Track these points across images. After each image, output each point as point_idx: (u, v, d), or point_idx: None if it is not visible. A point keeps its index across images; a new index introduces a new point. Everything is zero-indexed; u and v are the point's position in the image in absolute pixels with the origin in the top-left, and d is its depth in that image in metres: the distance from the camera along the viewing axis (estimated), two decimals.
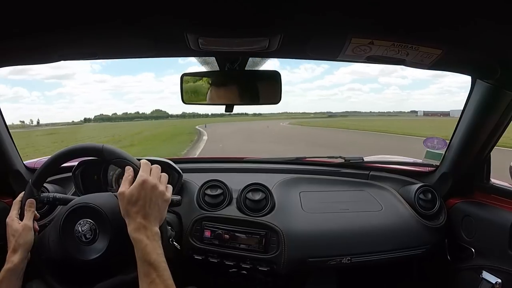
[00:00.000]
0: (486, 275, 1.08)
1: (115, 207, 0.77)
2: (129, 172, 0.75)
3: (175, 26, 0.71)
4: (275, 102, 0.96)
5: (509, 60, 0.81)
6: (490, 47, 0.75)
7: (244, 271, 1.14)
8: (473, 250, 1.14)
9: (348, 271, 1.32)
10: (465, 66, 0.91)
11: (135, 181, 0.73)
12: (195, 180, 1.25)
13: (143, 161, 0.78)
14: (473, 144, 1.11)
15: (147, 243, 0.68)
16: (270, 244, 1.11)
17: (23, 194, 0.81)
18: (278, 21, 0.68)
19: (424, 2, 0.58)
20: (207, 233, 1.13)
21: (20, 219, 0.78)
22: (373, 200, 1.27)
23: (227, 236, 1.12)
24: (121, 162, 0.79)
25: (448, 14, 0.61)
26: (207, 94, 0.99)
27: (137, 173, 0.74)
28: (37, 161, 1.27)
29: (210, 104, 1.00)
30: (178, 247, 0.88)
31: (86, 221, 0.75)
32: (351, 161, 1.43)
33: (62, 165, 0.86)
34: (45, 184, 1.07)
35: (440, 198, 1.24)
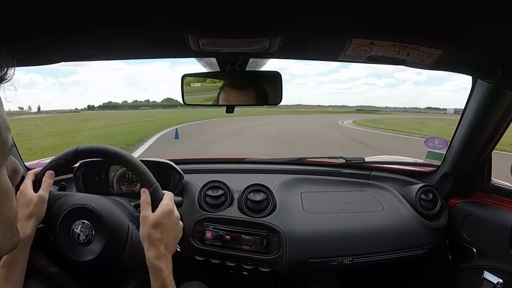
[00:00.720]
0: (487, 275, 1.08)
1: (112, 210, 0.77)
2: (145, 195, 0.76)
3: (176, 27, 0.71)
4: (276, 103, 0.96)
5: (510, 60, 0.81)
6: (491, 47, 0.75)
7: (245, 272, 1.14)
8: (475, 250, 1.14)
9: (348, 272, 1.32)
10: (466, 66, 0.91)
11: (160, 208, 0.75)
12: (196, 181, 1.25)
13: (167, 194, 0.80)
14: (474, 144, 1.11)
15: (167, 274, 0.70)
16: (272, 245, 1.11)
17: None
18: (278, 22, 0.68)
19: (425, 2, 0.58)
20: (208, 234, 1.13)
21: (34, 190, 0.76)
22: (374, 201, 1.27)
23: (228, 237, 1.11)
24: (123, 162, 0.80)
25: (448, 14, 0.61)
26: (208, 95, 0.99)
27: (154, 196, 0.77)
28: (38, 162, 1.28)
29: (211, 105, 1.00)
30: (178, 249, 0.88)
31: (83, 222, 0.75)
32: (352, 161, 1.43)
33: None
34: None
35: (441, 198, 1.24)
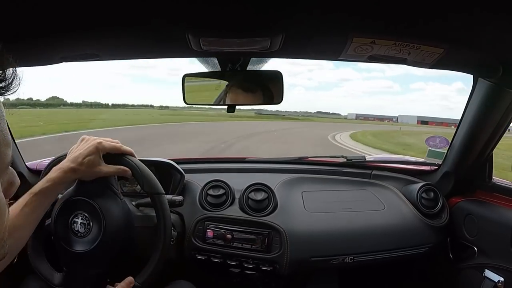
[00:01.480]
0: (488, 273, 1.08)
1: (109, 201, 0.79)
2: (127, 283, 0.75)
3: (176, 27, 0.71)
4: (277, 102, 0.96)
5: (511, 58, 0.80)
6: (492, 46, 0.75)
7: (246, 271, 1.14)
8: (476, 248, 1.14)
9: (350, 271, 1.32)
10: (467, 65, 0.91)
11: None
12: (197, 181, 1.25)
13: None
14: (475, 143, 1.11)
15: None
16: (273, 243, 1.11)
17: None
18: (279, 21, 0.68)
19: (426, 1, 0.58)
20: (210, 233, 1.13)
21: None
22: (375, 199, 1.27)
23: (229, 236, 1.12)
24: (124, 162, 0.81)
25: (449, 13, 0.61)
26: (208, 94, 0.99)
27: None
28: (39, 162, 1.28)
29: (212, 104, 1.00)
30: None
31: (80, 213, 0.77)
32: (353, 160, 1.43)
33: None
34: None
35: (442, 197, 1.24)
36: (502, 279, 1.04)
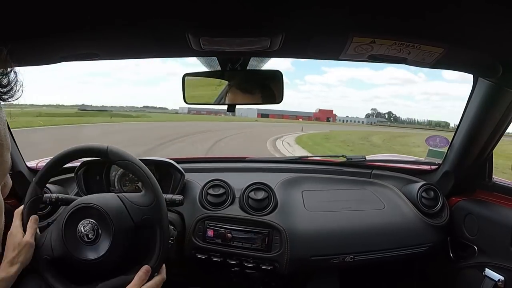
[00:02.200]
0: (488, 272, 1.08)
1: (117, 208, 0.77)
2: (144, 272, 0.74)
3: (176, 26, 0.71)
4: (277, 102, 0.96)
5: (511, 58, 0.80)
6: (492, 45, 0.75)
7: (247, 270, 1.14)
8: (476, 248, 1.14)
9: (350, 270, 1.32)
10: (467, 65, 0.91)
11: (152, 284, 0.74)
12: (198, 180, 1.25)
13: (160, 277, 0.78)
14: (475, 142, 1.11)
15: None
16: (273, 243, 1.11)
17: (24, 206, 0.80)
18: (279, 21, 0.68)
19: (426, 1, 0.58)
20: (210, 233, 1.13)
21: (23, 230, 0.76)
22: (375, 199, 1.27)
23: (230, 235, 1.12)
24: (126, 164, 0.79)
25: (449, 12, 0.61)
26: (208, 94, 0.99)
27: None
28: (39, 162, 1.28)
29: (212, 104, 1.00)
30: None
31: (89, 221, 0.75)
32: (353, 160, 1.43)
33: (64, 166, 0.86)
34: (47, 185, 1.07)
35: (442, 196, 1.24)
36: (502, 278, 1.04)
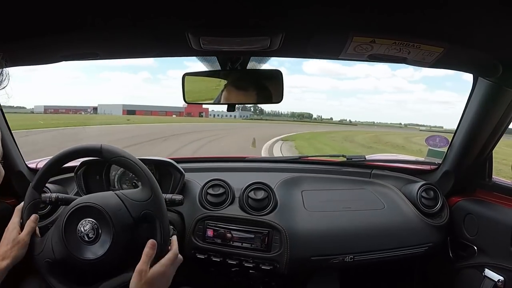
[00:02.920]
0: (488, 273, 1.08)
1: (117, 207, 0.77)
2: (151, 248, 0.72)
3: (176, 26, 0.71)
4: (277, 101, 0.96)
5: (511, 57, 0.80)
6: (492, 45, 0.75)
7: (246, 270, 1.14)
8: (476, 248, 1.14)
9: (350, 271, 1.32)
10: (467, 64, 0.91)
11: (158, 268, 0.73)
12: (197, 180, 1.25)
13: (174, 239, 0.79)
14: (475, 142, 1.11)
15: None
16: (273, 242, 1.11)
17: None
18: (279, 20, 0.68)
19: (426, 1, 0.58)
20: (210, 232, 1.13)
21: (21, 228, 0.77)
22: (375, 199, 1.27)
23: (229, 235, 1.12)
24: (122, 160, 0.79)
25: (449, 12, 0.61)
26: (208, 93, 0.99)
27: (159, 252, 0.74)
28: (39, 161, 1.28)
29: (212, 103, 1.00)
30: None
31: (88, 220, 0.75)
32: (353, 159, 1.43)
33: (64, 165, 0.86)
34: (47, 184, 1.07)
35: (442, 196, 1.24)
36: (502, 278, 1.04)
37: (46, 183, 0.87)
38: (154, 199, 0.78)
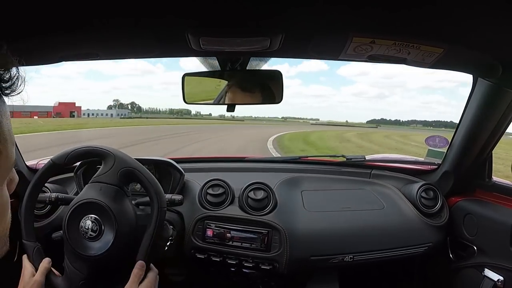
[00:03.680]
0: (488, 272, 1.08)
1: (118, 201, 0.77)
2: (140, 269, 0.73)
3: (176, 26, 0.71)
4: (277, 102, 0.96)
5: (511, 58, 0.80)
6: (492, 45, 0.75)
7: (246, 270, 1.14)
8: (475, 248, 1.14)
9: (349, 270, 1.33)
10: (467, 65, 0.91)
11: (149, 280, 0.73)
12: (197, 180, 1.25)
13: (153, 273, 0.77)
14: (475, 143, 1.11)
15: None
16: (273, 242, 1.11)
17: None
18: (279, 20, 0.68)
19: (426, 1, 0.58)
20: (209, 232, 1.13)
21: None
22: (375, 199, 1.27)
23: (229, 235, 1.12)
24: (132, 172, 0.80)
25: (449, 12, 0.61)
26: (208, 94, 0.99)
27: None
28: (39, 161, 1.28)
29: (212, 103, 1.00)
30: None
31: (91, 217, 0.75)
32: (352, 159, 1.43)
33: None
34: (46, 184, 1.07)
35: (442, 196, 1.24)
36: (501, 278, 1.04)
37: (46, 182, 0.87)
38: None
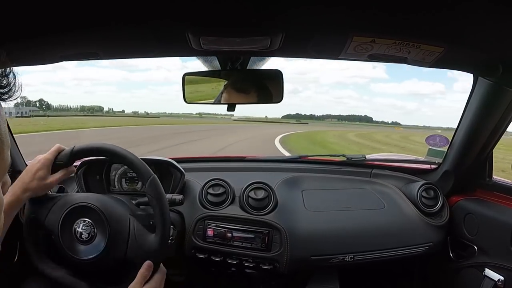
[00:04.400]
0: (488, 272, 1.08)
1: (113, 208, 0.77)
2: (146, 268, 0.73)
3: (176, 26, 0.71)
4: (277, 101, 0.96)
5: (511, 58, 0.80)
6: (492, 44, 0.75)
7: (246, 270, 1.14)
8: (476, 247, 1.14)
9: (350, 270, 1.33)
10: (467, 64, 0.91)
11: (156, 279, 0.73)
12: (198, 179, 1.25)
13: (161, 272, 0.77)
14: (475, 142, 1.11)
15: None
16: (273, 242, 1.11)
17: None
18: (279, 20, 0.68)
19: (426, 0, 0.58)
20: (210, 232, 1.13)
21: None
22: (375, 198, 1.27)
23: (229, 234, 1.12)
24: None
25: (449, 12, 0.61)
26: (209, 93, 0.99)
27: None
28: None
29: (212, 103, 1.00)
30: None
31: (84, 220, 0.76)
32: (353, 159, 1.43)
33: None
34: None
35: (442, 195, 1.24)
36: (502, 278, 1.04)
37: None
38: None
